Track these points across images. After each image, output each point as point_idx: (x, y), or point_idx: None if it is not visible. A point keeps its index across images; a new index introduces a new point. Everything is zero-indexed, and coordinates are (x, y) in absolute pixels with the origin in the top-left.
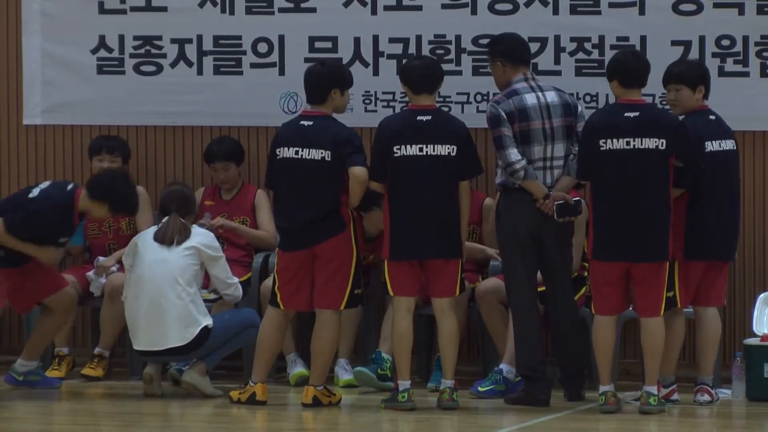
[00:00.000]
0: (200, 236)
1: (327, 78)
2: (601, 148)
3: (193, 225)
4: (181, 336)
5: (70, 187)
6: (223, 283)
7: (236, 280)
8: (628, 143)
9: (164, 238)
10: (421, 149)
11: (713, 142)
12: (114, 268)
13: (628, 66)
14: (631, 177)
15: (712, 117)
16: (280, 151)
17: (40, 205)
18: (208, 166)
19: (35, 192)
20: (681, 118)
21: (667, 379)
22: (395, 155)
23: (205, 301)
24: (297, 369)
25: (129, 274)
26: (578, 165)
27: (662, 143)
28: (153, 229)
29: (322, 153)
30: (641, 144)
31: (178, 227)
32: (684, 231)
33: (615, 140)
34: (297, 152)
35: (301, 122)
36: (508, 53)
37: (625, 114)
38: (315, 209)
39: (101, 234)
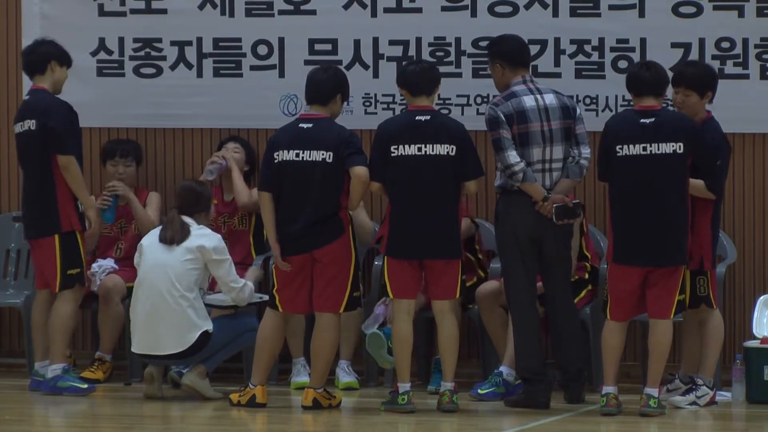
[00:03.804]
0: (205, 238)
1: (337, 83)
2: (618, 154)
3: (200, 226)
4: (179, 342)
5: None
6: (226, 285)
7: (242, 283)
8: (644, 149)
9: (165, 238)
10: (419, 149)
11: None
12: (110, 267)
13: (638, 77)
14: (649, 182)
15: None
16: (278, 155)
17: (52, 113)
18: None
19: (30, 122)
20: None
21: (707, 379)
22: (392, 154)
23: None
24: (301, 378)
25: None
26: (597, 166)
27: (680, 146)
28: (160, 228)
29: (323, 154)
30: (658, 149)
31: (178, 226)
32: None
33: (631, 146)
34: (297, 154)
35: (300, 125)
36: (507, 55)
37: (641, 120)
38: (315, 211)
39: (112, 233)
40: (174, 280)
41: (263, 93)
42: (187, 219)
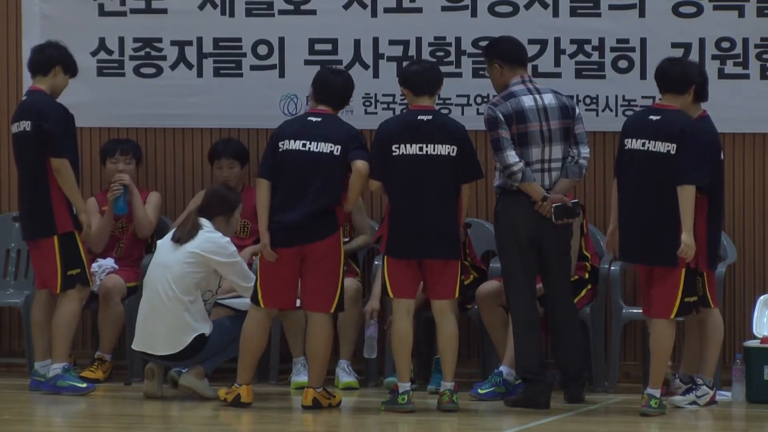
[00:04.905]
0: (206, 243)
1: (350, 88)
2: (625, 147)
3: (212, 230)
4: (172, 344)
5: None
6: (240, 287)
7: (254, 281)
8: (643, 144)
9: (174, 235)
10: (420, 148)
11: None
12: (110, 266)
13: (659, 72)
14: (644, 178)
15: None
16: (283, 144)
17: (47, 114)
18: (211, 165)
19: (26, 123)
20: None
21: (707, 379)
22: (393, 154)
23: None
24: (301, 378)
25: None
26: (615, 162)
27: (673, 147)
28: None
29: (331, 147)
30: (654, 147)
31: (189, 225)
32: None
33: (634, 140)
34: (304, 144)
35: (309, 118)
36: (505, 55)
37: (649, 117)
38: (314, 203)
39: (114, 232)
40: (171, 281)
41: (263, 93)
42: (203, 221)
